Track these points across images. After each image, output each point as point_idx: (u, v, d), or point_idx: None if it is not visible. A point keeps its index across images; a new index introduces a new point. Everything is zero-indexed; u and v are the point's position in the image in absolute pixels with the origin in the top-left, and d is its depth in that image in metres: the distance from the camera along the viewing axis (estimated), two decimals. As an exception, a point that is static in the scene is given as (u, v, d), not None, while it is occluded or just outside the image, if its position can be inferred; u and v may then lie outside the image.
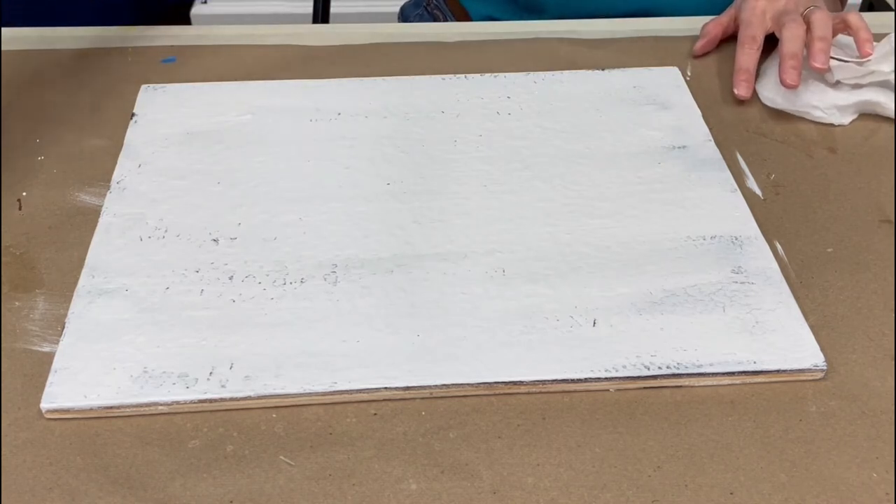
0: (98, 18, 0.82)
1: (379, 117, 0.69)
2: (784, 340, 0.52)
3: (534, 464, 0.47)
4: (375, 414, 0.50)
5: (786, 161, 0.68)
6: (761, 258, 0.57)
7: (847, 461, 0.48)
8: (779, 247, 0.59)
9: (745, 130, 0.70)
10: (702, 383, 0.51)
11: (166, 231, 0.59)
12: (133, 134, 0.67)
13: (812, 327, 0.53)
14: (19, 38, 0.78)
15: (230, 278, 0.56)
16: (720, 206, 0.61)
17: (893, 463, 0.48)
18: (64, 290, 0.56)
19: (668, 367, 0.51)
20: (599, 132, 0.68)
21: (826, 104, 0.70)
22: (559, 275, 0.56)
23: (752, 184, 0.65)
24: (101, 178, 0.64)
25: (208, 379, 0.50)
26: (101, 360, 0.51)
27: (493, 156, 0.66)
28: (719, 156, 0.66)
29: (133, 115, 0.69)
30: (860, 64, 0.69)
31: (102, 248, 0.58)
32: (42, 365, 0.51)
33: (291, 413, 0.49)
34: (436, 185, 0.63)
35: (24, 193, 0.63)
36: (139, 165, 0.64)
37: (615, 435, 0.49)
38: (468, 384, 0.50)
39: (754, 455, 0.48)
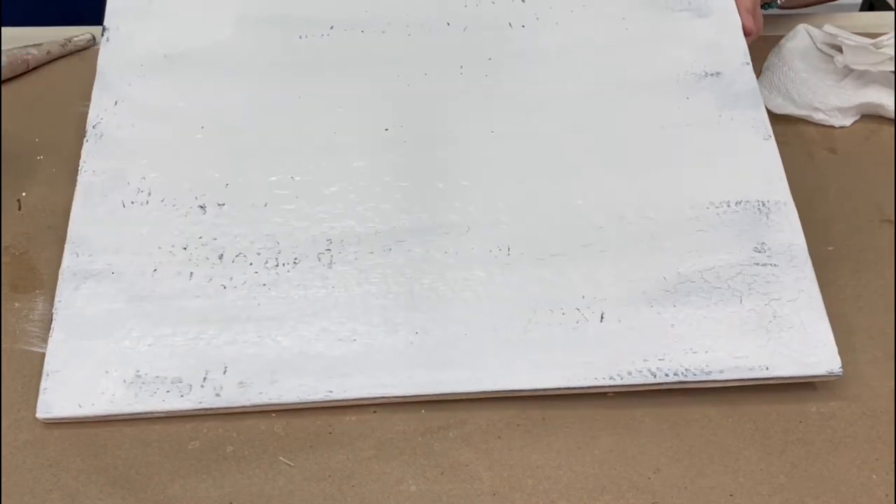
0: (99, 18, 0.82)
1: (377, 32, 0.63)
2: (801, 341, 0.50)
3: (533, 465, 0.47)
4: (375, 412, 0.50)
5: (786, 161, 0.67)
6: (787, 229, 0.54)
7: (847, 463, 0.47)
8: (779, 247, 0.59)
9: (745, 130, 0.70)
10: (706, 386, 0.50)
11: (149, 195, 0.56)
12: (105, 56, 0.62)
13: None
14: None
15: (220, 257, 0.53)
16: (750, 158, 0.57)
17: (893, 464, 0.47)
18: (64, 290, 0.56)
19: (675, 374, 0.49)
20: (622, 52, 0.62)
21: (828, 106, 0.70)
22: (568, 256, 0.53)
23: (752, 184, 0.65)
24: (101, 178, 0.64)
25: (202, 386, 0.49)
26: (93, 361, 0.50)
27: (502, 91, 0.60)
28: (755, 85, 0.61)
29: (104, 28, 0.64)
30: (877, 46, 0.67)
31: (84, 217, 0.55)
32: (41, 366, 0.51)
33: (291, 413, 0.49)
34: (438, 130, 0.59)
35: (24, 193, 0.63)
36: (115, 103, 0.60)
37: (615, 437, 0.49)
38: (468, 392, 0.49)
39: (754, 457, 0.48)
